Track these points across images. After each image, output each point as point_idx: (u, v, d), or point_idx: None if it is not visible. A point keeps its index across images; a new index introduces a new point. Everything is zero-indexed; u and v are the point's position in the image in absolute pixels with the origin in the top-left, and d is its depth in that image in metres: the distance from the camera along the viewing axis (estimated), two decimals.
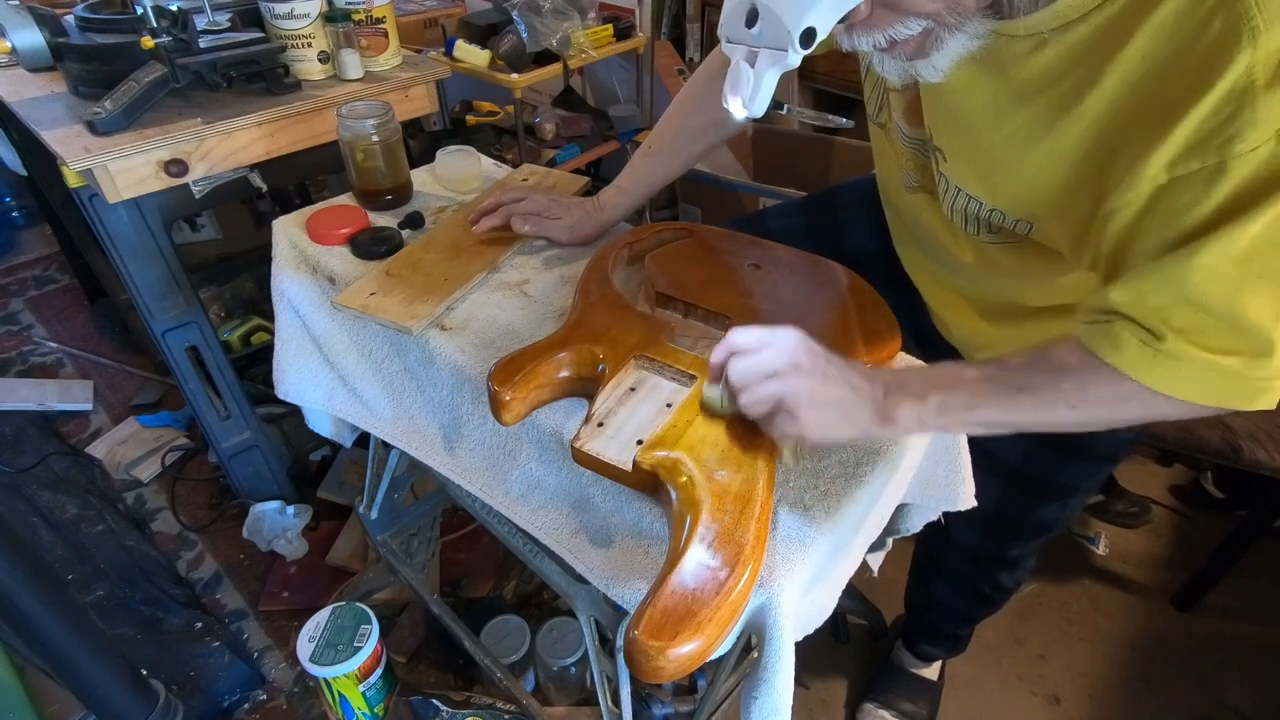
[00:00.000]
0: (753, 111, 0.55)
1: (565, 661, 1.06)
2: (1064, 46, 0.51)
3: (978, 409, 0.57)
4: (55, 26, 1.17)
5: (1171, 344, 0.50)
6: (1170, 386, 0.51)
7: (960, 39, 0.52)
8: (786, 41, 0.49)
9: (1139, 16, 0.47)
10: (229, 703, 1.24)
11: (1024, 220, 0.62)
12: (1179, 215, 0.48)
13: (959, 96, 0.59)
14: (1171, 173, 0.47)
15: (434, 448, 0.82)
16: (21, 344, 2.04)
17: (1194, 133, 0.45)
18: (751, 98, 0.54)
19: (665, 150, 0.92)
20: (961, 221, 0.68)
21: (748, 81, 0.53)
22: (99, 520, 1.48)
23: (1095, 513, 1.60)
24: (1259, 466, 1.22)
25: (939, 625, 1.19)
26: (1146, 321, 0.50)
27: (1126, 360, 0.51)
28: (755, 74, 0.53)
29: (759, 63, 0.53)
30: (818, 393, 0.56)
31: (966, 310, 0.82)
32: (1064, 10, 0.50)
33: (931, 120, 0.66)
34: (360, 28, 1.20)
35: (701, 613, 0.49)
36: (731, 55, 0.54)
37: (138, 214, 1.08)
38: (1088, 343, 0.53)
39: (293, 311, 0.90)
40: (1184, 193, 0.47)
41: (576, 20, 1.90)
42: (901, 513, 0.89)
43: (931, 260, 0.82)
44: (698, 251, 0.82)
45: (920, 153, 0.71)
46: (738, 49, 0.54)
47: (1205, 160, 0.46)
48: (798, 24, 0.48)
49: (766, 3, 0.49)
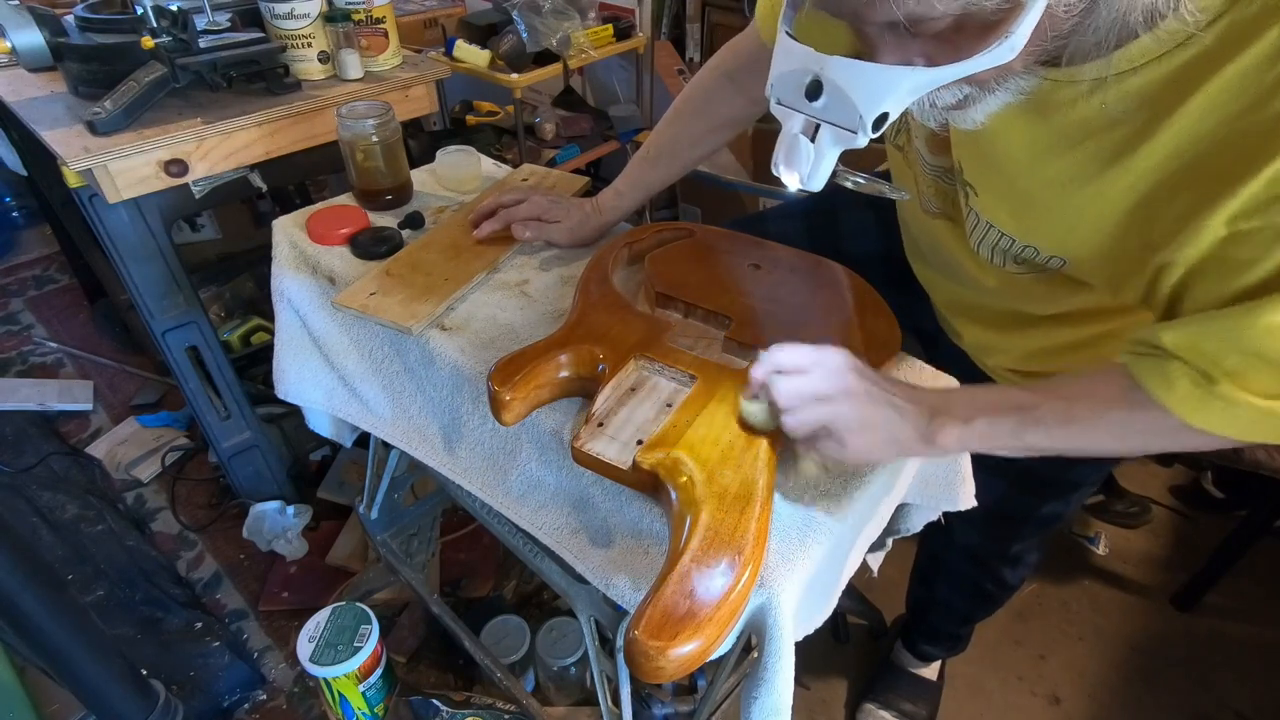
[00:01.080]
0: (811, 187, 0.52)
1: (565, 661, 1.06)
2: (1117, 95, 0.49)
3: (1023, 436, 0.56)
4: (55, 26, 1.17)
5: (1224, 388, 0.49)
6: (1217, 426, 0.50)
7: (1002, 95, 0.50)
8: (857, 125, 0.46)
9: (1203, 73, 0.45)
10: (229, 703, 1.24)
11: (1058, 257, 0.60)
12: (1238, 271, 0.47)
13: (995, 136, 0.57)
14: (1232, 228, 0.46)
15: (434, 448, 0.82)
16: (21, 344, 2.04)
17: (1261, 193, 0.45)
18: (811, 175, 0.51)
19: (663, 156, 0.91)
20: (989, 254, 0.66)
21: (808, 158, 0.50)
22: (99, 520, 1.48)
23: (1095, 513, 1.60)
24: (1259, 466, 1.23)
25: (940, 624, 1.19)
26: (1198, 364, 0.49)
27: (1177, 400, 0.50)
28: (816, 150, 0.49)
29: (821, 139, 0.49)
30: (866, 418, 0.56)
31: (978, 320, 0.81)
32: (1120, 59, 0.48)
33: (961, 155, 0.63)
34: (360, 28, 1.20)
35: (701, 613, 0.49)
36: (783, 120, 0.51)
37: (138, 214, 1.08)
38: (1138, 376, 0.53)
39: (293, 311, 0.90)
40: (1245, 249, 0.46)
41: (576, 20, 1.90)
42: (901, 513, 0.89)
43: (947, 279, 0.81)
44: (698, 251, 0.82)
45: (944, 181, 0.69)
46: (794, 117, 0.50)
47: (1270, 219, 0.45)
48: (873, 109, 0.45)
49: (837, 80, 0.45)
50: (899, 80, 0.44)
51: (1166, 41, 0.46)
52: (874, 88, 0.44)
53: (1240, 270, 0.47)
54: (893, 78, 0.44)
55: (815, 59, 0.46)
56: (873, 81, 0.44)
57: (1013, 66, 0.46)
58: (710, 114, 0.88)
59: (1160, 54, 0.46)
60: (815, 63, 0.46)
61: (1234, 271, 0.47)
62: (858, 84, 0.45)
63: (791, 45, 0.48)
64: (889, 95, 0.44)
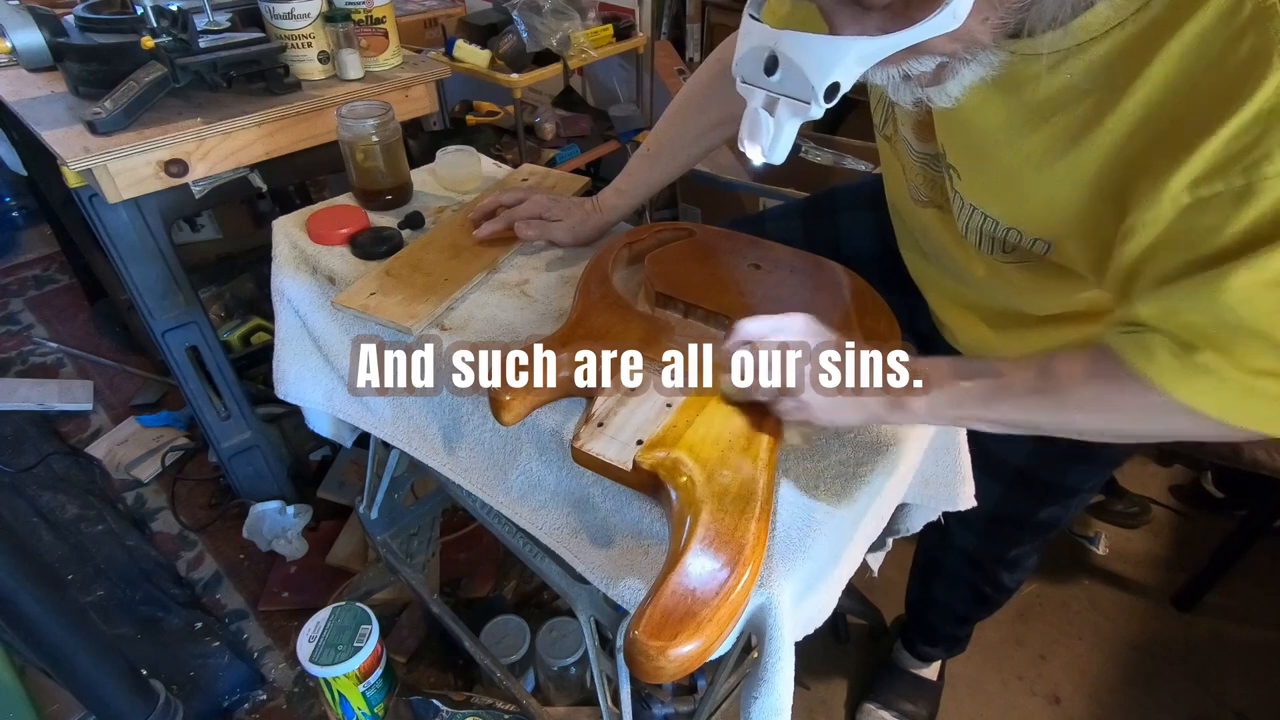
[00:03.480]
0: (772, 159, 0.53)
1: (565, 661, 1.06)
2: (1081, 66, 0.49)
3: (993, 405, 0.56)
4: (55, 26, 1.17)
5: (1206, 357, 0.48)
6: (1204, 403, 0.49)
7: (975, 68, 0.51)
8: (810, 95, 0.48)
9: (1161, 36, 0.45)
10: (229, 703, 1.24)
11: (1042, 240, 0.60)
12: (1203, 237, 0.46)
13: (972, 116, 0.57)
14: (1194, 194, 0.45)
15: (434, 448, 0.82)
16: (21, 344, 2.04)
17: (1219, 154, 0.44)
18: (771, 146, 0.53)
19: (663, 153, 0.91)
20: (976, 239, 0.66)
21: (768, 131, 0.52)
22: (99, 520, 1.48)
23: (1095, 513, 1.60)
24: (1259, 466, 1.23)
25: (938, 625, 1.19)
26: (1178, 334, 0.48)
27: (1158, 369, 0.49)
28: (776, 123, 0.51)
29: (779, 112, 0.51)
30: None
31: (972, 318, 0.81)
32: (1079, 29, 0.48)
33: (945, 138, 0.64)
34: (360, 28, 1.20)
35: (702, 613, 0.49)
36: (747, 97, 0.52)
37: (138, 214, 1.08)
38: (1119, 350, 0.52)
39: (293, 311, 0.90)
40: (1207, 215, 0.45)
41: (576, 20, 1.90)
42: (901, 513, 0.89)
43: (939, 272, 0.81)
44: (698, 251, 0.82)
45: (931, 167, 0.70)
46: (755, 93, 0.52)
47: (1231, 183, 0.44)
48: (823, 79, 0.47)
49: (789, 54, 0.47)
50: (846, 49, 0.46)
51: (1124, 8, 0.46)
52: (823, 59, 0.46)
53: (1204, 237, 0.46)
54: (840, 47, 0.46)
55: (771, 35, 0.48)
56: (821, 52, 0.46)
57: (979, 38, 0.47)
58: (710, 110, 0.88)
59: (1119, 21, 0.47)
60: (771, 38, 0.48)
61: (1198, 238, 0.46)
62: (808, 56, 0.47)
63: (751, 25, 0.50)
64: (837, 65, 0.46)
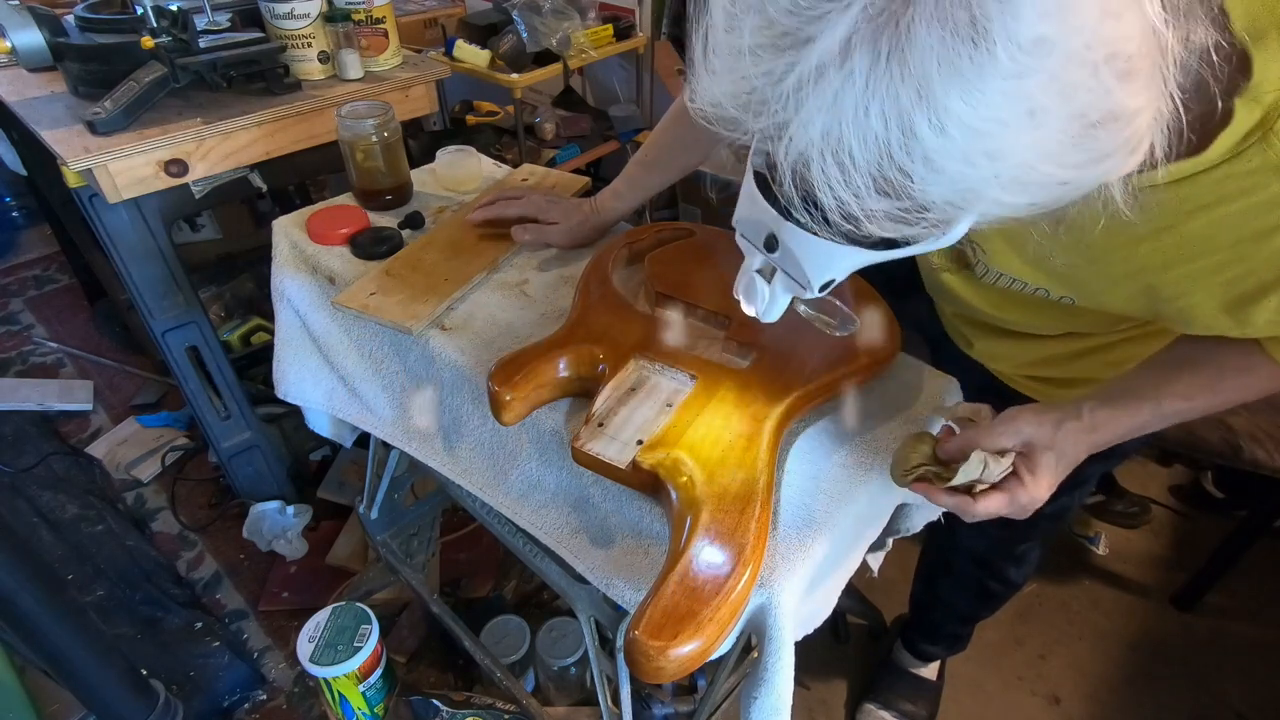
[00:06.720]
0: (765, 319, 0.56)
1: (565, 661, 1.06)
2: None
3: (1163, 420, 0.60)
4: (55, 26, 1.17)
5: None
6: None
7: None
8: (806, 282, 0.48)
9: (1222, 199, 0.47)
10: (229, 703, 1.24)
11: (1068, 297, 0.62)
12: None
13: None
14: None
15: (434, 448, 0.82)
16: (21, 344, 2.04)
17: None
18: (765, 311, 0.54)
19: (661, 160, 0.91)
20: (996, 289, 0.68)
21: (763, 298, 0.53)
22: (99, 520, 1.48)
23: (1095, 513, 1.60)
24: (1259, 466, 1.22)
25: (943, 623, 1.19)
26: None
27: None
28: (771, 291, 0.53)
29: (775, 282, 0.52)
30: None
31: (988, 332, 0.81)
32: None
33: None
34: (360, 28, 1.20)
35: (702, 613, 0.49)
36: (745, 253, 0.53)
37: (138, 214, 1.08)
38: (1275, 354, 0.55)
39: (293, 311, 0.90)
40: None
41: (576, 20, 1.90)
42: (901, 513, 0.88)
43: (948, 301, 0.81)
44: (698, 251, 0.82)
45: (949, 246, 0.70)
46: (755, 255, 0.52)
47: None
48: (819, 276, 0.48)
49: (789, 244, 0.47)
50: (845, 256, 0.46)
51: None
52: (821, 259, 0.47)
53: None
54: (839, 254, 0.45)
55: (773, 219, 0.47)
56: (821, 253, 0.46)
57: None
58: None
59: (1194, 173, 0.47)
60: (773, 222, 0.47)
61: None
62: (807, 252, 0.47)
63: (755, 194, 0.48)
64: (835, 267, 0.47)
